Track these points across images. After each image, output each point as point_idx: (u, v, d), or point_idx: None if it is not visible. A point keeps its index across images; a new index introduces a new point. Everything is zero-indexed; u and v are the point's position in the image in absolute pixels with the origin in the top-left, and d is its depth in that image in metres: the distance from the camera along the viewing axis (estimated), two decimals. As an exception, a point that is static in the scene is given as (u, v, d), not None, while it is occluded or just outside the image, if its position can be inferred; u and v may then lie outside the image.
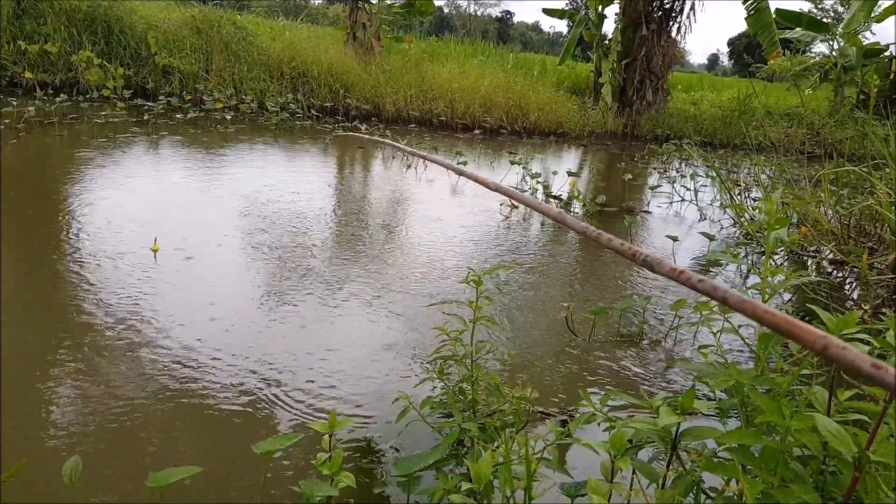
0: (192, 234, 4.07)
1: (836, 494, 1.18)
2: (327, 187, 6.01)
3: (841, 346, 0.45)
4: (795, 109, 14.47)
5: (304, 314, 3.04)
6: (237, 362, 2.51)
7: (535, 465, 1.44)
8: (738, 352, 3.02)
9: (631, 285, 4.03)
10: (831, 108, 14.43)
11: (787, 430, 1.14)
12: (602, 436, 1.67)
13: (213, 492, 1.81)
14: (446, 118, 10.98)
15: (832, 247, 4.64)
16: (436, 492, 1.56)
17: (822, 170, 5.82)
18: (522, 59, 16.45)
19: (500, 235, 4.85)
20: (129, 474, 1.83)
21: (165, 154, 6.52)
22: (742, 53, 50.15)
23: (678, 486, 1.34)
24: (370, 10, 12.75)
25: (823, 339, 0.46)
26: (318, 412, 2.23)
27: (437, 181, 6.71)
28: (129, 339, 2.61)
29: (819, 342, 0.46)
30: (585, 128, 12.07)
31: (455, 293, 3.49)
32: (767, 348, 1.38)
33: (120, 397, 2.20)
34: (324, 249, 4.05)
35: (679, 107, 14.12)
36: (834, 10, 23.13)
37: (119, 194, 4.75)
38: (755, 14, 13.03)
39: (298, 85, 10.77)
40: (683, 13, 12.75)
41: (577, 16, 14.74)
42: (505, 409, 1.96)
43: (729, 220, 6.11)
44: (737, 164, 9.49)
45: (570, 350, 2.95)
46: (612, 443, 1.45)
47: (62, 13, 9.64)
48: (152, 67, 10.05)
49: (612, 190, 7.02)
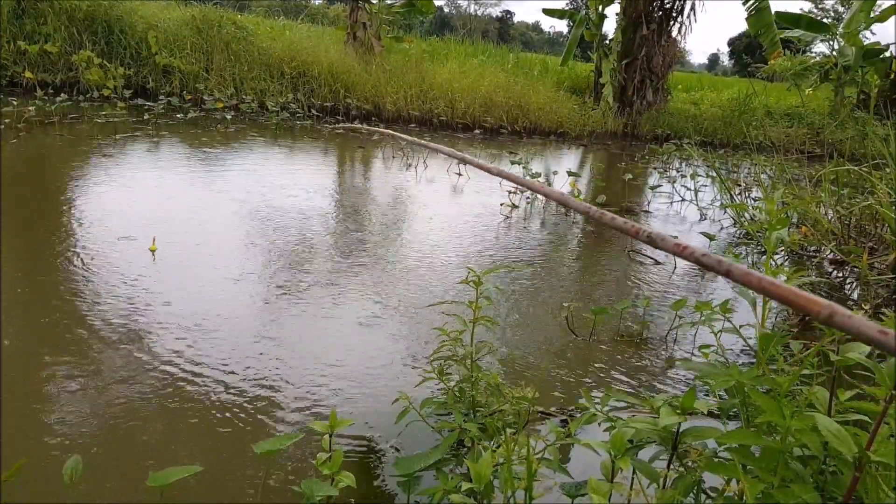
0: (192, 234, 4.07)
1: (837, 494, 1.18)
2: (327, 187, 6.01)
3: (846, 314, 0.46)
4: (796, 109, 14.47)
5: (304, 313, 3.04)
6: (237, 362, 2.51)
7: (536, 466, 1.44)
8: (739, 352, 3.02)
9: (632, 284, 4.03)
10: (831, 108, 14.42)
11: (788, 430, 1.14)
12: (602, 436, 1.67)
13: (214, 491, 1.81)
14: (447, 118, 10.97)
15: (832, 247, 4.64)
16: (436, 492, 1.56)
17: (823, 169, 5.82)
18: (523, 59, 16.44)
19: (500, 234, 4.85)
20: (129, 474, 1.83)
21: (166, 154, 6.52)
22: (742, 53, 50.16)
23: (679, 486, 1.34)
24: (370, 9, 12.75)
25: (829, 307, 0.46)
26: (319, 412, 2.23)
27: (437, 181, 6.71)
28: (128, 338, 2.61)
29: (825, 311, 0.46)
30: (585, 128, 12.07)
31: (455, 293, 3.49)
32: (768, 348, 1.38)
33: (120, 397, 2.20)
34: (324, 248, 4.04)
35: (679, 107, 14.11)
36: (834, 9, 23.12)
37: (119, 194, 4.75)
38: (756, 14, 13.03)
39: (299, 85, 10.77)
40: (684, 13, 12.75)
41: (578, 16, 14.73)
42: (505, 410, 1.95)
43: (729, 219, 6.10)
44: (737, 163, 9.49)
45: (570, 350, 2.95)
46: (613, 443, 1.45)
47: (62, 13, 9.64)
48: (153, 67, 10.05)
49: (613, 190, 7.02)
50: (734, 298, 3.14)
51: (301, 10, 25.78)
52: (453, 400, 1.97)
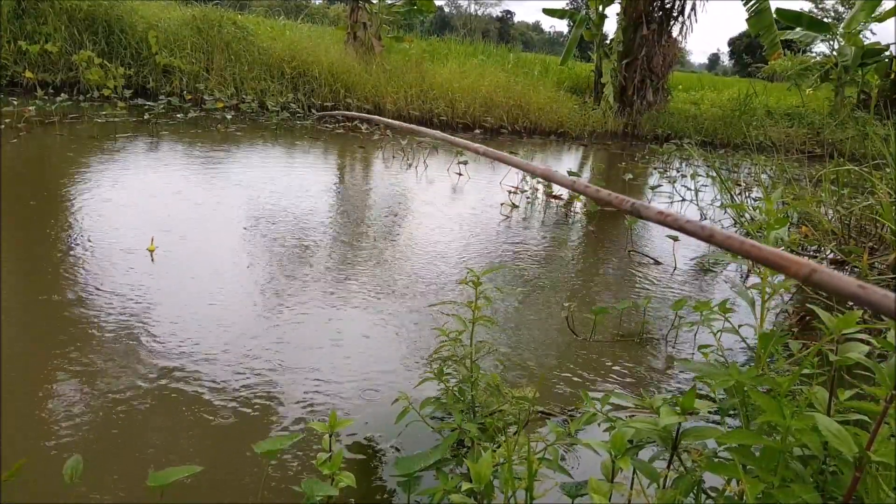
0: (192, 234, 4.07)
1: (837, 494, 1.18)
2: (328, 187, 6.01)
3: (828, 272, 0.46)
4: (796, 109, 14.46)
5: (304, 313, 3.04)
6: (237, 361, 2.51)
7: (536, 466, 1.44)
8: (739, 351, 3.02)
9: (632, 284, 4.03)
10: (832, 108, 14.42)
11: (788, 429, 1.14)
12: (603, 436, 1.67)
13: (214, 491, 1.81)
14: (447, 118, 10.98)
15: (832, 246, 4.64)
16: (436, 492, 1.56)
17: (823, 169, 5.82)
18: (523, 59, 16.44)
19: (500, 234, 4.85)
20: (129, 473, 1.83)
21: (166, 154, 6.52)
22: (742, 53, 50.16)
23: (679, 486, 1.34)
24: (371, 9, 12.75)
25: (809, 266, 0.47)
26: (319, 411, 2.23)
27: (437, 181, 6.71)
28: (128, 338, 2.61)
29: (805, 269, 0.47)
30: (586, 127, 12.07)
31: (456, 294, 3.49)
32: (768, 348, 1.38)
33: (120, 396, 2.20)
34: (324, 249, 4.04)
35: (679, 106, 14.11)
36: (834, 9, 23.12)
37: (119, 194, 4.75)
38: (756, 15, 13.02)
39: (299, 84, 10.77)
40: (685, 13, 12.75)
41: (578, 16, 14.72)
42: (505, 410, 1.96)
43: (729, 219, 6.10)
44: (737, 163, 9.49)
45: (570, 350, 2.95)
46: (613, 443, 1.45)
47: (63, 13, 9.64)
48: (153, 67, 10.05)
49: (613, 190, 6.98)
50: (733, 298, 3.15)
51: (301, 10, 25.78)
52: (453, 400, 1.97)
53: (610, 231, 5.35)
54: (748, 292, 1.76)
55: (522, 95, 11.88)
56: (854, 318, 1.25)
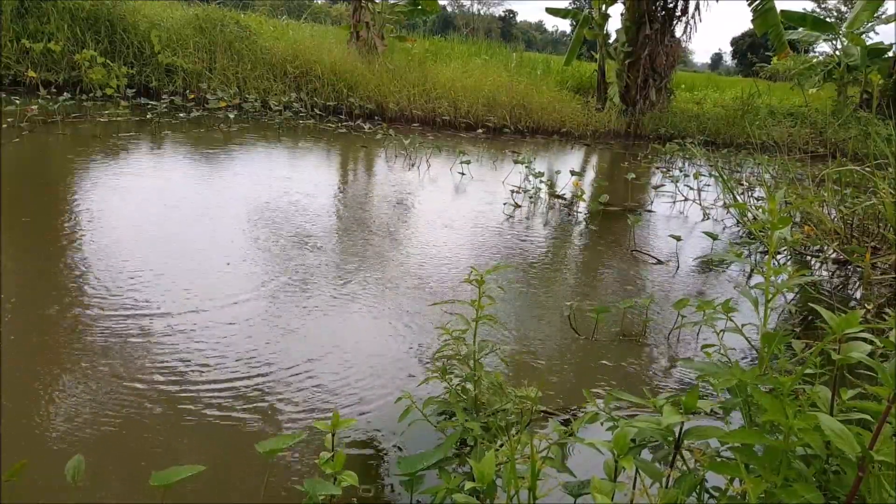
0: (193, 233, 4.08)
1: (840, 494, 1.18)
2: (330, 186, 6.01)
3: None
4: (799, 109, 14.43)
5: (307, 312, 3.05)
6: (239, 360, 2.52)
7: (539, 465, 1.44)
8: (741, 351, 3.02)
9: (634, 284, 4.02)
10: (835, 108, 14.39)
11: (791, 429, 1.14)
12: (605, 435, 1.66)
13: (216, 491, 1.81)
14: (450, 117, 10.97)
15: (835, 246, 4.63)
16: (439, 491, 1.56)
17: (826, 169, 5.80)
18: (526, 59, 16.42)
19: (503, 233, 4.85)
20: (131, 474, 1.84)
21: (168, 153, 6.53)
22: (745, 53, 50.05)
23: (681, 486, 1.34)
24: (374, 9, 12.75)
25: None
26: (321, 411, 2.24)
27: (440, 180, 6.71)
28: (130, 338, 2.61)
29: None
30: (588, 127, 12.05)
31: (458, 292, 3.49)
32: (771, 347, 1.38)
33: (121, 396, 2.20)
34: (327, 248, 4.05)
35: (682, 106, 14.08)
36: (837, 9, 23.07)
37: (121, 193, 4.76)
38: (762, 15, 12.97)
39: (302, 84, 10.77)
40: (688, 12, 12.72)
41: (581, 15, 14.70)
42: (508, 409, 1.95)
43: (732, 219, 6.09)
44: (740, 163, 9.47)
45: (572, 349, 2.95)
46: (616, 442, 1.45)
47: (65, 12, 9.66)
48: (155, 66, 10.06)
49: (616, 189, 7.00)
50: (736, 298, 3.15)
51: (304, 10, 25.79)
52: (456, 399, 1.97)
53: (613, 230, 5.35)
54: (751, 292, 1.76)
55: (525, 95, 11.87)
56: (856, 318, 1.24)
